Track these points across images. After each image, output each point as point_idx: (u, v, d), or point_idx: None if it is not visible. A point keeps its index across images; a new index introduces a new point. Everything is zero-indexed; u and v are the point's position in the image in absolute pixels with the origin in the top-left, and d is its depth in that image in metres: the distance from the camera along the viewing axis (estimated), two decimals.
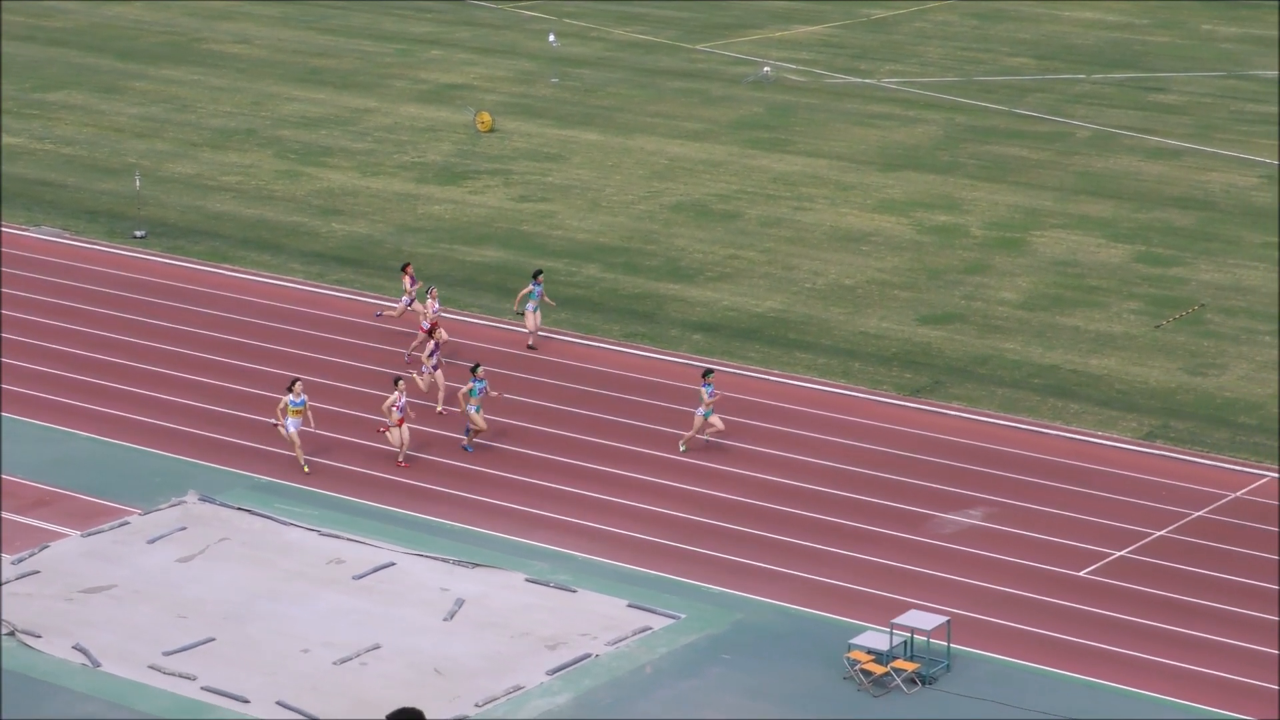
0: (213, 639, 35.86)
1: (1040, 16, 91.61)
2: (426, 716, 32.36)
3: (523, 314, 49.92)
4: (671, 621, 36.73)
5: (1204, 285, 55.03)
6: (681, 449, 43.86)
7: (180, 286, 55.13)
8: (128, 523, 40.53)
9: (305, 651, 35.45)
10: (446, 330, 48.05)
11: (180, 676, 34.47)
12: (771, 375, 48.81)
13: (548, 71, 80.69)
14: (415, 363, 47.29)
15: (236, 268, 56.94)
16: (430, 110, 75.06)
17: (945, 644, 35.17)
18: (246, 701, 33.74)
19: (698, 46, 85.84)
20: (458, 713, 33.37)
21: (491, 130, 71.72)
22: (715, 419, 43.29)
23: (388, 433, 42.97)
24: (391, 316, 50.78)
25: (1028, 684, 34.52)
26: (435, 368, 45.71)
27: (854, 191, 64.18)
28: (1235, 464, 43.61)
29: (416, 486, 42.39)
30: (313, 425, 43.04)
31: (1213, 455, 44.06)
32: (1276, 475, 42.00)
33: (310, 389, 47.25)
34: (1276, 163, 66.91)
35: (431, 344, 46.15)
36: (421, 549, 39.47)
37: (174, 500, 41.56)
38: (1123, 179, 65.32)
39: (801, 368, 49.22)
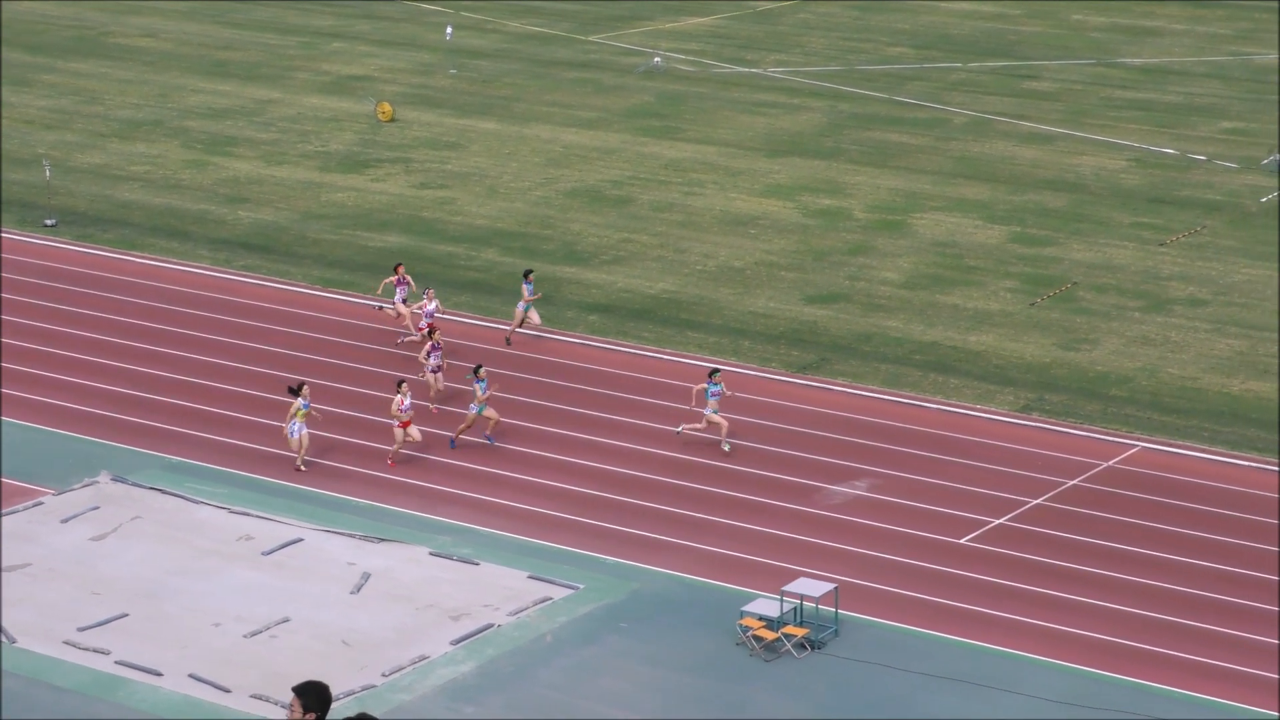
0: (126, 615, 35.64)
1: (918, 8, 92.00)
2: (337, 686, 32.40)
3: (514, 310, 49.24)
4: (571, 592, 36.76)
5: (1076, 264, 55.44)
6: (678, 431, 43.18)
7: (90, 273, 54.67)
8: (41, 503, 40.20)
9: (217, 625, 35.29)
10: (442, 330, 46.79)
11: (95, 651, 34.25)
12: (665, 354, 48.87)
13: (446, 63, 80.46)
14: (414, 346, 46.74)
15: (145, 254, 56.51)
16: (333, 101, 74.71)
17: (833, 610, 35.33)
18: (159, 675, 33.56)
19: (591, 38, 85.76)
20: (365, 682, 33.29)
21: (392, 120, 71.46)
22: (718, 417, 42.52)
23: (406, 429, 41.77)
24: (390, 316, 49.45)
25: (912, 647, 34.73)
26: (436, 369, 44.78)
27: (742, 177, 64.31)
28: (1107, 435, 43.98)
29: (323, 465, 42.23)
30: (316, 423, 42.35)
31: (1085, 426, 44.43)
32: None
33: (214, 371, 47.05)
34: (1144, 146, 67.44)
35: (429, 344, 45.11)
36: (329, 525, 39.35)
37: (87, 481, 41.25)
38: (998, 163, 65.72)
39: (694, 346, 49.31)
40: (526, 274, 49.35)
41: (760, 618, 34.81)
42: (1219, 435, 43.87)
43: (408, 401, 41.83)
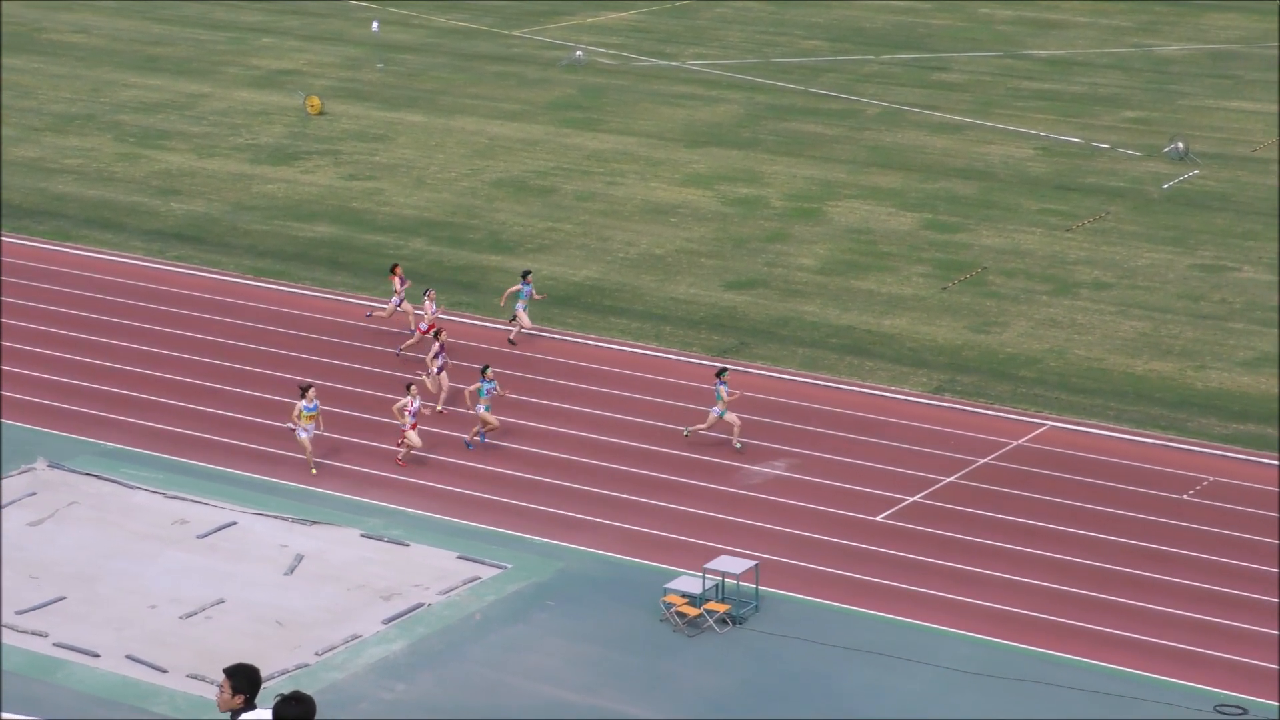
0: (63, 598, 35.42)
1: (831, 2, 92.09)
2: (271, 665, 32.26)
3: (514, 314, 48.05)
4: (499, 571, 36.72)
5: (986, 250, 55.65)
6: (685, 433, 42.31)
7: (25, 264, 54.23)
8: None
9: (153, 608, 35.11)
10: (447, 331, 45.61)
11: (33, 634, 34.03)
12: (589, 339, 48.84)
13: (373, 57, 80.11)
14: (421, 365, 45.19)
15: (79, 245, 56.09)
16: (262, 95, 74.31)
17: (754, 586, 35.41)
18: (97, 656, 33.38)
19: (514, 33, 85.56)
20: (299, 661, 33.18)
21: (321, 113, 71.14)
22: (731, 416, 41.65)
23: (408, 434, 40.82)
24: (381, 317, 48.55)
25: (831, 621, 34.83)
26: (440, 370, 44.05)
27: (662, 167, 64.29)
28: (1016, 414, 44.17)
29: (256, 450, 42.03)
30: (322, 428, 41.37)
31: (996, 406, 44.62)
32: (1276, 465, 42.31)
33: (148, 359, 46.80)
34: (1050, 135, 67.74)
35: (436, 345, 44.18)
36: (262, 509, 39.18)
37: (24, 467, 40.93)
38: (910, 152, 65.90)
39: (616, 332, 49.29)
40: (525, 275, 48.32)
41: (683, 594, 34.86)
42: (1124, 414, 44.13)
43: (416, 404, 40.81)
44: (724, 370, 42.19)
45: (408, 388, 41.45)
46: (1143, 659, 33.57)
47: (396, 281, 48.16)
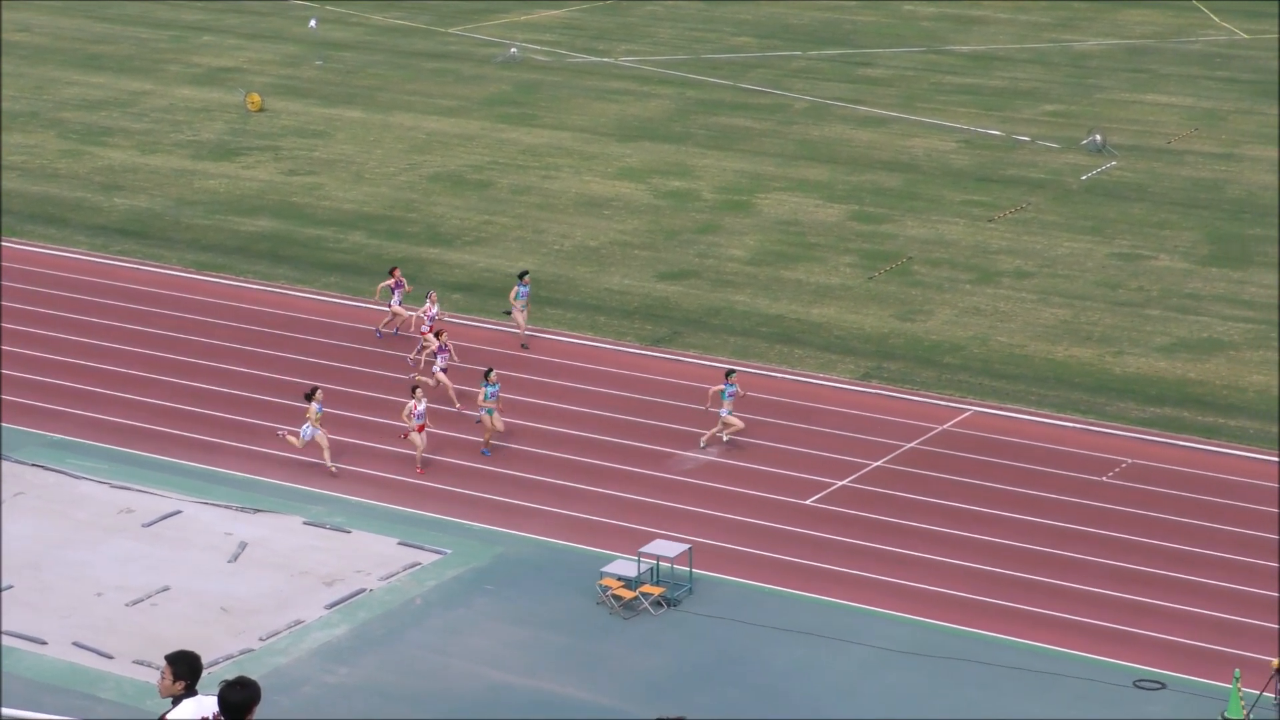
0: (11, 586, 35.16)
1: (760, 0, 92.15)
2: (216, 651, 32.13)
3: (509, 313, 47.48)
4: (439, 557, 36.65)
5: (911, 240, 55.80)
6: (701, 444, 41.40)
7: None
8: None
9: (99, 595, 34.90)
10: (449, 332, 44.75)
11: None
12: (526, 330, 48.71)
13: (312, 55, 79.80)
14: (426, 369, 44.38)
15: (23, 240, 55.68)
16: (203, 92, 73.92)
17: (688, 569, 35.43)
18: (44, 643, 33.15)
19: (450, 30, 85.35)
20: (243, 646, 33.06)
21: (261, 110, 70.81)
22: (733, 418, 41.02)
23: (408, 438, 40.31)
24: (394, 325, 47.58)
25: (763, 603, 34.88)
26: (443, 370, 43.13)
27: (596, 161, 64.23)
28: (941, 399, 44.32)
29: (199, 440, 41.82)
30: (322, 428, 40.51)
31: (921, 392, 44.75)
32: (1192, 447, 42.19)
33: (93, 351, 46.51)
34: (972, 128, 67.96)
35: (437, 345, 43.37)
36: (206, 497, 39.00)
37: None
38: (837, 145, 66.01)
39: (552, 322, 49.21)
40: (522, 275, 47.36)
41: (619, 578, 34.86)
42: (1045, 399, 44.32)
43: (421, 406, 40.03)
44: (732, 371, 41.60)
45: (413, 390, 40.65)
46: (1065, 636, 33.74)
47: (392, 283, 47.27)
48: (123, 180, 62.07)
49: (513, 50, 79.82)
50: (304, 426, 39.83)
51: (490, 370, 41.20)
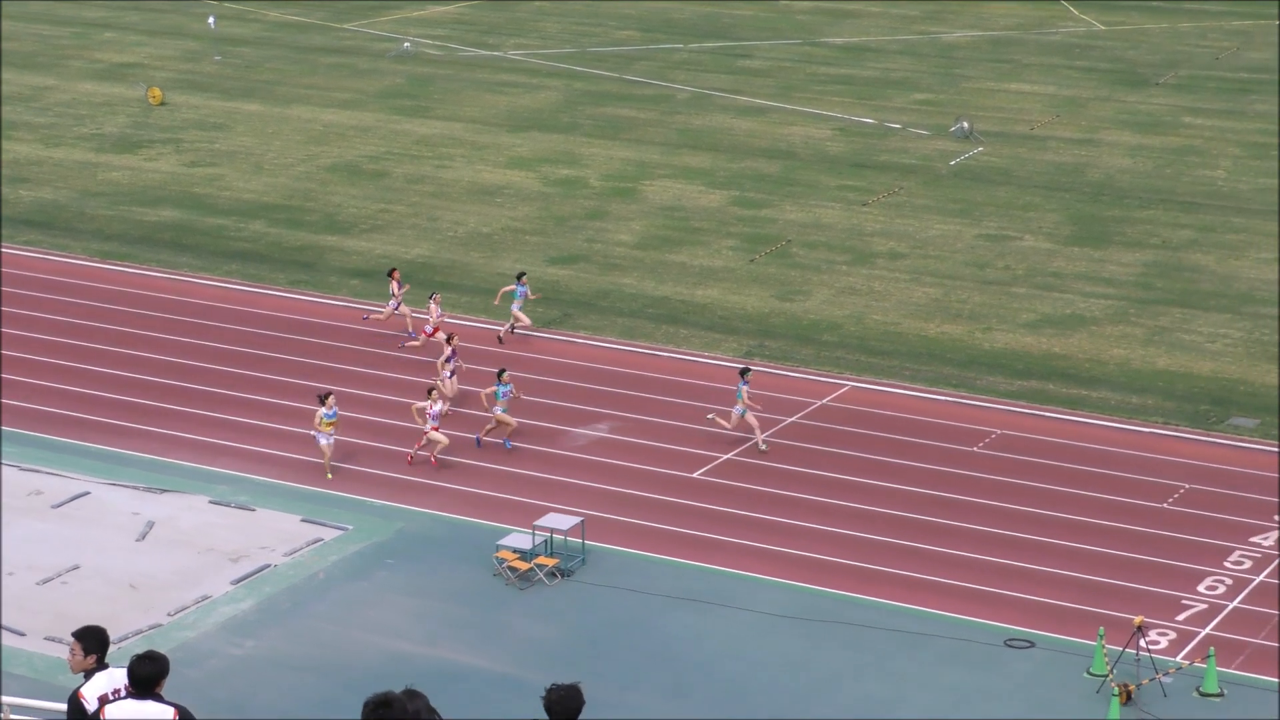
0: None
1: None
2: (126, 626, 31.82)
3: (511, 314, 46.17)
4: (341, 533, 36.47)
5: (789, 224, 55.96)
6: (760, 446, 40.10)
7: None
8: None
9: (10, 574, 34.49)
10: (453, 332, 43.52)
11: None
12: (420, 314, 48.50)
13: (211, 50, 79.05)
14: (429, 367, 43.31)
15: None
16: (106, 87, 73.08)
17: (581, 541, 35.43)
18: None
19: (345, 25, 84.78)
20: (152, 621, 32.78)
21: (162, 104, 70.11)
22: (750, 417, 40.09)
23: (431, 435, 39.09)
24: (379, 320, 46.44)
25: (653, 572, 34.93)
26: (452, 374, 41.98)
27: (487, 151, 64.01)
28: (820, 375, 44.49)
29: (106, 423, 41.39)
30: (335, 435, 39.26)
31: (801, 369, 44.91)
32: (1057, 417, 42.41)
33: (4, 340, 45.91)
34: (846, 117, 68.21)
35: (449, 350, 42.10)
36: (114, 479, 38.61)
37: None
38: (718, 134, 66.09)
39: (447, 306, 48.94)
40: (520, 276, 46.53)
41: (515, 550, 34.81)
42: (919, 373, 44.59)
43: (436, 407, 39.09)
44: (747, 370, 40.69)
45: (429, 392, 39.61)
46: (940, 599, 33.98)
47: (394, 285, 46.04)
48: (27, 173, 61.27)
49: (406, 45, 79.42)
50: (318, 434, 38.60)
51: (503, 371, 40.37)
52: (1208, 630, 32.79)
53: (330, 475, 38.86)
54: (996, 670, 31.56)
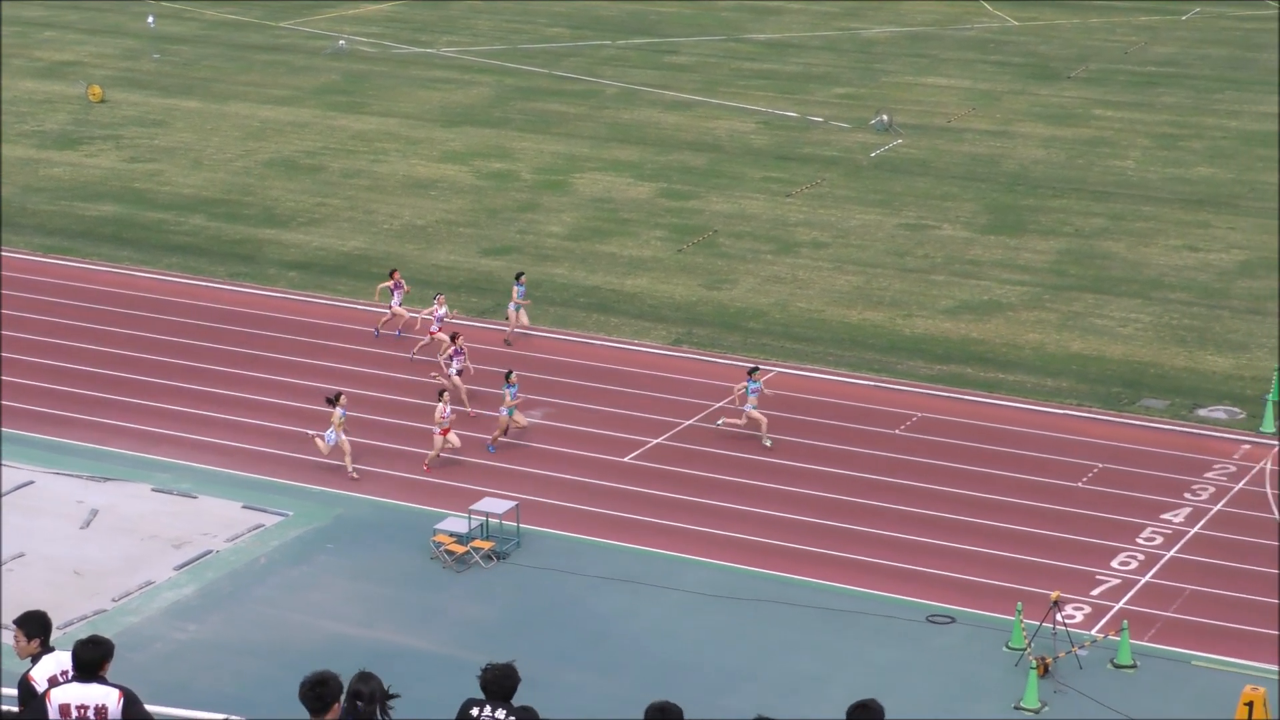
0: None
1: None
2: (71, 612, 31.60)
3: (509, 315, 45.41)
4: (281, 519, 36.29)
5: (716, 215, 55.99)
6: (767, 444, 39.49)
7: None
8: None
9: None
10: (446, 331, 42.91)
11: None
12: (358, 304, 48.34)
13: (150, 48, 78.48)
14: (437, 367, 42.40)
15: None
16: (46, 85, 72.44)
17: (515, 524, 35.37)
18: None
19: (281, 24, 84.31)
20: (97, 607, 32.54)
21: (102, 101, 69.57)
22: (757, 413, 39.52)
23: (445, 436, 38.21)
24: (394, 325, 45.36)
25: (586, 554, 34.90)
26: (458, 372, 41.18)
27: (421, 145, 63.80)
28: (747, 361, 44.45)
29: (49, 414, 41.03)
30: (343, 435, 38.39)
31: (728, 355, 44.94)
32: (975, 400, 42.41)
33: None
34: (770, 111, 68.30)
35: (453, 349, 41.26)
36: (57, 468, 38.29)
37: None
38: (646, 128, 66.06)
39: (385, 296, 48.80)
40: (518, 276, 45.69)
41: (451, 534, 34.72)
42: (842, 359, 44.69)
43: (449, 409, 38.39)
44: (755, 369, 40.19)
45: (440, 394, 38.72)
46: (865, 577, 34.07)
47: (391, 285, 45.27)
48: None
49: (341, 43, 79.05)
50: (328, 431, 37.93)
51: (510, 372, 39.71)
52: (1121, 604, 33.01)
53: (355, 475, 37.98)
54: (919, 645, 31.68)
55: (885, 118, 65.61)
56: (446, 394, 38.86)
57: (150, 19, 79.80)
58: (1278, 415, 40.71)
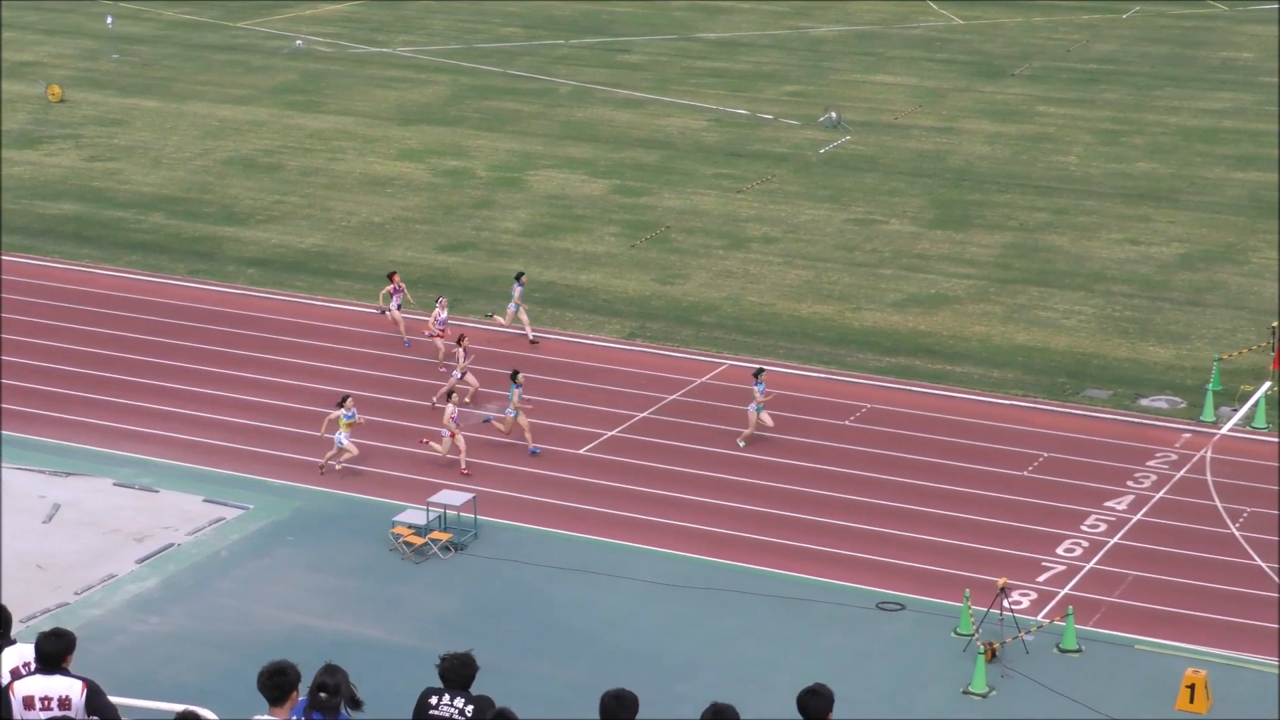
0: None
1: None
2: (34, 605, 31.44)
3: (515, 316, 44.79)
4: (242, 512, 36.18)
5: (668, 211, 56.00)
6: (741, 445, 39.15)
7: None
8: None
9: None
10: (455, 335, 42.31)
11: None
12: (317, 300, 48.22)
13: (109, 49, 78.08)
14: (430, 352, 42.67)
15: None
16: (6, 85, 71.95)
17: (473, 516, 35.34)
18: None
19: (239, 24, 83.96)
20: (59, 600, 32.39)
21: (62, 101, 69.17)
22: (766, 416, 39.07)
23: (436, 444, 37.77)
24: (398, 326, 44.51)
25: (542, 545, 34.88)
26: (463, 374, 40.78)
27: (378, 143, 63.63)
28: (699, 355, 44.57)
29: (11, 410, 40.77)
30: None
31: (681, 349, 44.97)
32: (923, 391, 42.56)
33: None
34: (721, 108, 68.33)
35: (460, 351, 40.89)
36: (20, 463, 38.07)
37: None
38: (599, 126, 66.03)
39: (341, 293, 48.72)
40: (518, 276, 45.35)
41: (409, 526, 34.69)
42: (793, 351, 44.77)
43: (458, 412, 37.99)
44: (761, 370, 39.71)
45: (448, 396, 38.63)
46: (816, 565, 34.15)
47: (390, 288, 44.42)
48: None
49: (298, 42, 78.77)
50: (337, 434, 37.45)
51: (516, 373, 39.31)
52: (1066, 590, 33.18)
53: (337, 468, 37.55)
54: (870, 632, 31.77)
55: (833, 115, 65.72)
56: (455, 395, 38.61)
57: (109, 19, 79.41)
58: (1217, 404, 40.98)
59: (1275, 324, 43.81)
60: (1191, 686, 29.22)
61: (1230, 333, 45.60)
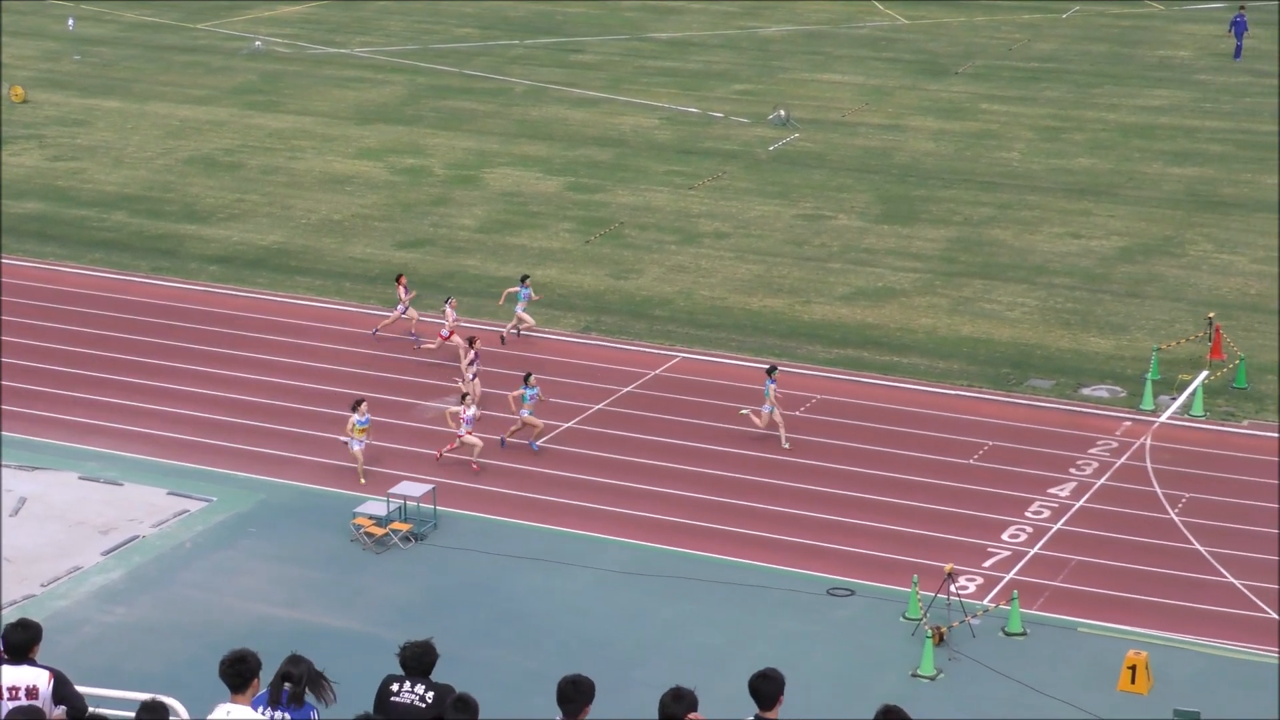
0: None
1: None
2: (2, 598, 31.26)
3: (515, 315, 44.56)
4: (205, 504, 36.06)
5: (622, 207, 56.00)
6: (785, 445, 38.53)
7: None
8: None
9: None
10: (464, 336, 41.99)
11: None
12: (278, 296, 48.07)
13: (70, 50, 77.62)
14: (432, 353, 42.28)
15: None
16: None
17: (433, 507, 35.29)
18: None
19: (199, 25, 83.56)
20: (26, 592, 32.25)
21: (24, 101, 68.75)
22: (776, 414, 38.62)
23: (464, 439, 37.44)
24: (389, 326, 44.40)
25: (501, 535, 34.86)
26: (474, 376, 40.42)
27: (336, 142, 63.43)
28: (653, 348, 44.59)
29: None
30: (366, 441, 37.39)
31: (635, 342, 44.99)
32: (872, 382, 42.49)
33: None
34: (672, 107, 68.34)
35: (471, 353, 40.53)
36: None
37: None
38: (553, 124, 65.96)
39: (302, 289, 48.58)
40: (523, 279, 44.95)
41: (370, 517, 34.62)
42: (744, 344, 44.83)
43: (469, 412, 37.59)
44: (774, 369, 39.25)
45: (462, 398, 38.20)
46: (769, 553, 34.22)
47: (401, 291, 44.17)
48: None
49: (257, 43, 78.45)
50: (352, 440, 37.01)
51: (529, 375, 38.91)
52: (1011, 575, 33.33)
53: (364, 480, 36.87)
54: (821, 617, 31.85)
55: (782, 113, 65.80)
56: (469, 397, 38.36)
57: (70, 21, 78.93)
58: (1156, 393, 41.21)
59: (1212, 315, 44.09)
60: (1133, 668, 29.39)
61: (1169, 323, 45.86)
